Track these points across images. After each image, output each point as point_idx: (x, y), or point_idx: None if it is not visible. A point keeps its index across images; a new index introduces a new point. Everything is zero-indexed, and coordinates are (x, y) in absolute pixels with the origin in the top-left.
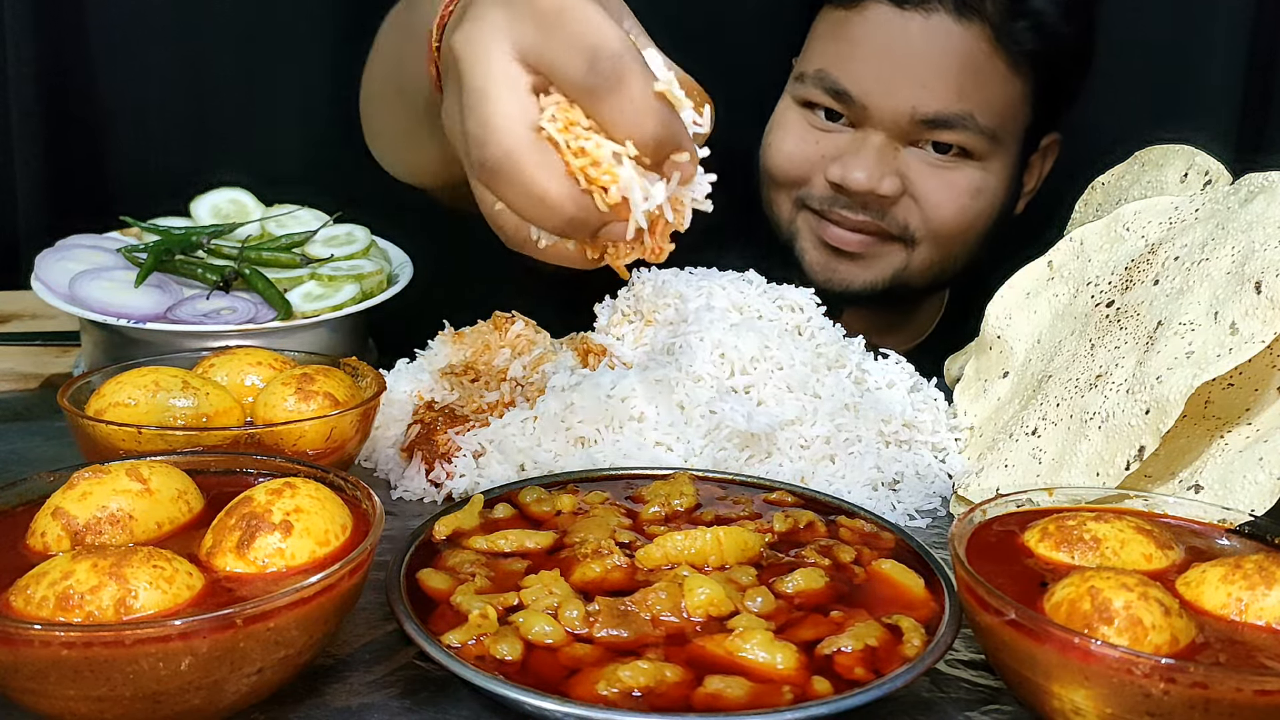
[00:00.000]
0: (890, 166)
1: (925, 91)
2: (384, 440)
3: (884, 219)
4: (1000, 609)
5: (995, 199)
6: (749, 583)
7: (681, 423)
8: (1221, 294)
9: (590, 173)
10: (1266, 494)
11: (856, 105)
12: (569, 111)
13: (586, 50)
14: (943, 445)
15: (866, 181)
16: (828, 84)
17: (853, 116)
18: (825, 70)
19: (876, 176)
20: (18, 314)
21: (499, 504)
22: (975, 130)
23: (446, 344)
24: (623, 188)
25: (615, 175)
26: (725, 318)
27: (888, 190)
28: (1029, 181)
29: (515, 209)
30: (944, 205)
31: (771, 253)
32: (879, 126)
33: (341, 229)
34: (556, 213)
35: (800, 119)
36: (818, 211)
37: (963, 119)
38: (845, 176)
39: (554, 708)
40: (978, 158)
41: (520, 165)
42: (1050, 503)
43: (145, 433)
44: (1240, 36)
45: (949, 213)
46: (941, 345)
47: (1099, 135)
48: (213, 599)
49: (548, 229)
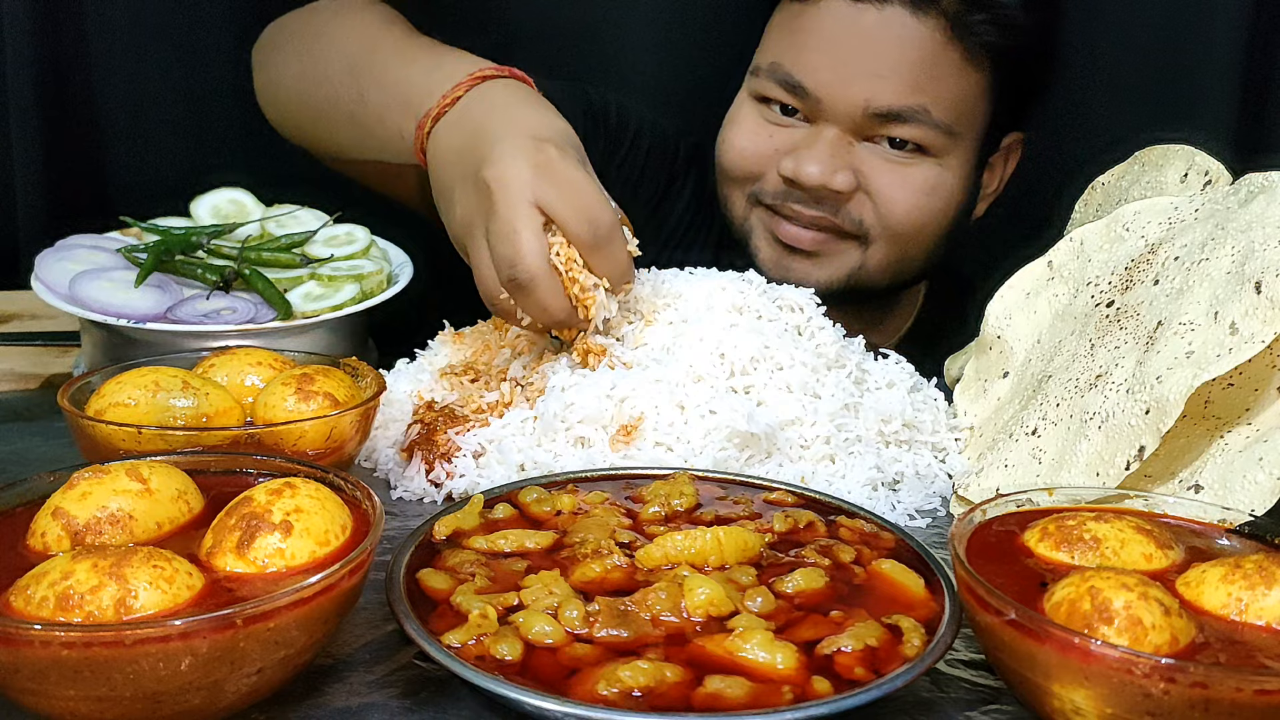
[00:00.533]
0: (844, 161)
1: (879, 84)
2: (384, 440)
3: (838, 215)
4: (1000, 609)
5: (952, 197)
6: (749, 583)
7: (681, 423)
8: (1221, 294)
9: (578, 294)
10: (1266, 494)
11: (810, 98)
12: (568, 250)
13: (590, 220)
14: (943, 445)
15: (819, 176)
16: (781, 77)
17: (807, 110)
18: (779, 63)
19: (830, 171)
20: (18, 314)
21: (499, 504)
22: (930, 125)
23: (446, 344)
24: (597, 308)
25: (593, 299)
26: (725, 318)
27: (841, 185)
28: (991, 183)
29: (525, 310)
30: (899, 201)
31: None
32: (833, 120)
33: (341, 229)
34: (554, 317)
35: (755, 114)
36: (771, 207)
37: (917, 113)
38: (798, 170)
39: (554, 708)
40: (934, 153)
41: (538, 285)
42: (1050, 503)
43: (145, 433)
44: (1240, 36)
45: (903, 209)
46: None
47: (1099, 135)
48: (213, 599)
49: (540, 325)
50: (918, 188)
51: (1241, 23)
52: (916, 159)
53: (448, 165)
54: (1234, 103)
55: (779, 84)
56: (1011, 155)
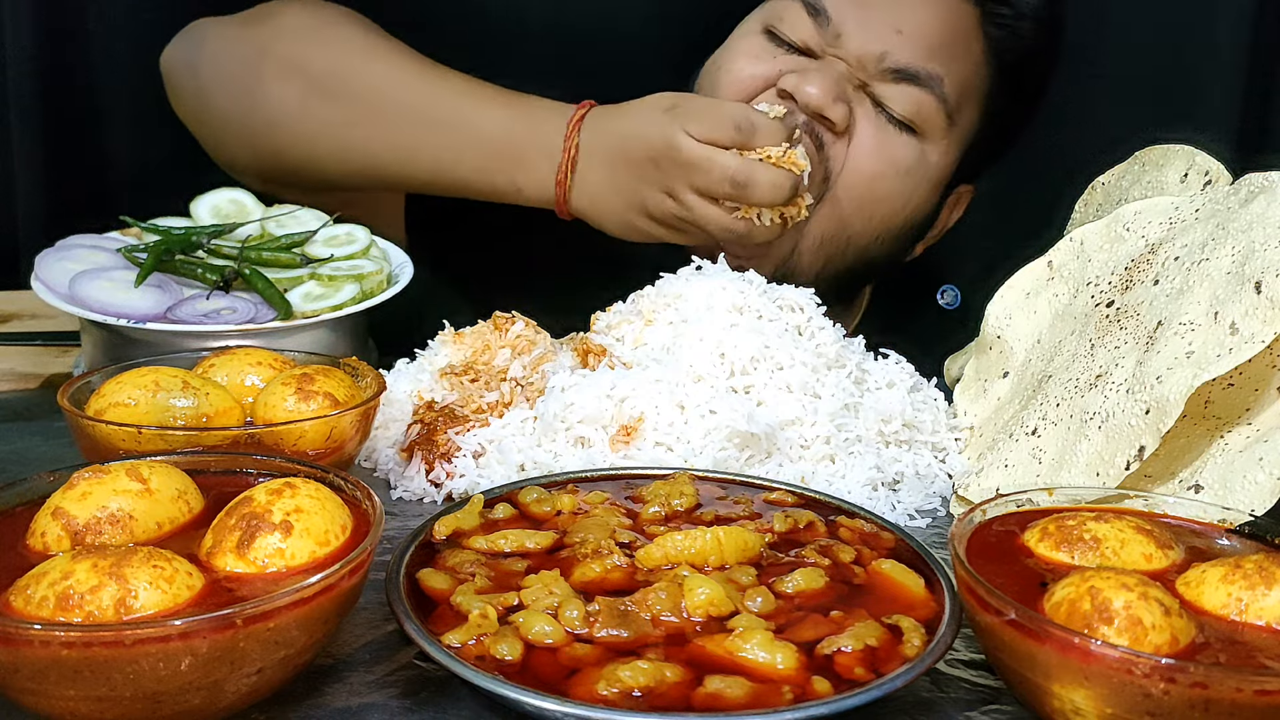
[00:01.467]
0: (845, 96)
1: (901, 40)
2: (384, 440)
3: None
4: (1000, 609)
5: (918, 189)
6: (749, 583)
7: (681, 423)
8: (1221, 294)
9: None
10: (1266, 494)
11: (831, 26)
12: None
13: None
14: (943, 445)
15: (819, 98)
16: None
17: (820, 40)
18: None
19: (830, 97)
20: (18, 314)
21: (499, 504)
22: (939, 98)
23: (446, 344)
24: (800, 157)
25: (792, 154)
26: (725, 318)
27: (836, 116)
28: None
29: (759, 200)
30: (873, 163)
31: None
32: (844, 59)
33: (341, 229)
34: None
35: (761, 41)
36: None
37: (933, 79)
38: (799, 86)
39: (554, 708)
40: (923, 134)
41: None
42: (1050, 503)
43: (145, 433)
44: (1241, 36)
45: (874, 172)
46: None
47: (1099, 135)
48: (213, 599)
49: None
50: (896, 160)
51: (1242, 23)
52: (905, 134)
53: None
54: (1234, 103)
55: (801, 3)
56: (960, 204)
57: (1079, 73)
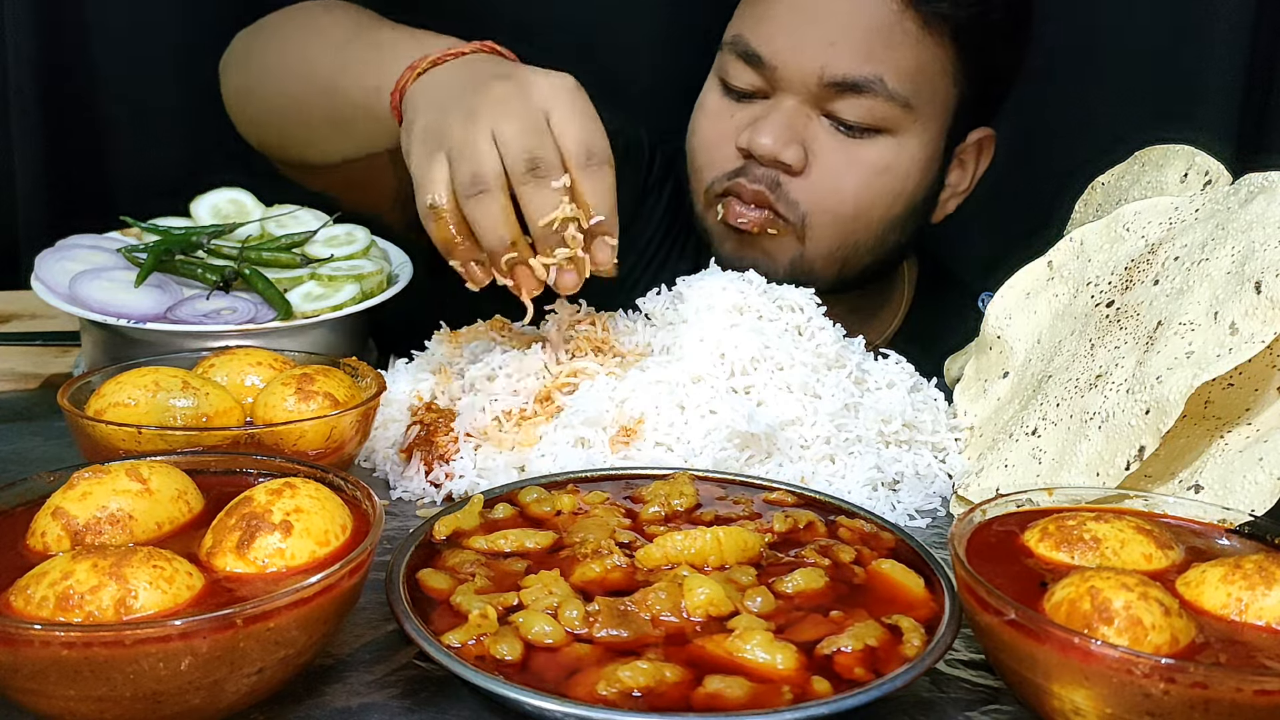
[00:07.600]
0: (797, 135)
1: (833, 51)
2: (384, 440)
3: (775, 195)
4: (1000, 609)
5: (907, 180)
6: (749, 583)
7: (681, 423)
8: (1221, 294)
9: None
10: (1266, 494)
11: (767, 67)
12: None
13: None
14: (943, 445)
15: (771, 147)
16: (741, 48)
17: (766, 82)
18: (740, 35)
19: (782, 142)
20: (18, 314)
21: (499, 504)
22: (886, 96)
23: (444, 344)
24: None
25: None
26: (725, 318)
27: (791, 159)
28: (961, 181)
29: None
30: (846, 181)
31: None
32: (790, 91)
33: (341, 229)
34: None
35: (717, 97)
36: (723, 194)
37: (872, 83)
38: (752, 140)
39: (554, 708)
40: (891, 129)
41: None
42: (1050, 503)
43: (145, 433)
44: (1240, 36)
45: (851, 189)
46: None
47: (1099, 135)
48: (213, 599)
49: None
50: (869, 166)
51: (1242, 23)
52: (871, 139)
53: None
54: (1234, 103)
55: (739, 56)
56: (984, 152)
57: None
